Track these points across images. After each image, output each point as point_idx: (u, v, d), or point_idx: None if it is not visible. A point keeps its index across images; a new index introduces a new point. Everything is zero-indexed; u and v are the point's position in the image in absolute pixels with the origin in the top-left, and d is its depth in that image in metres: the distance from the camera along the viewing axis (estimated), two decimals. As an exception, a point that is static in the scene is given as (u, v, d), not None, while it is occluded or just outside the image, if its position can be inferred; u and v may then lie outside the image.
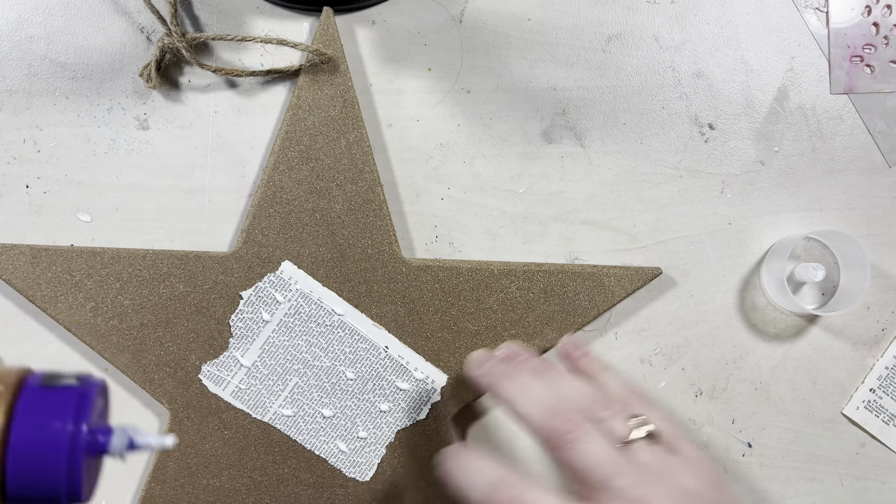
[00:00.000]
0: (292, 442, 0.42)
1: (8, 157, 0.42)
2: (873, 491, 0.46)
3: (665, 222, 0.45)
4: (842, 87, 0.45)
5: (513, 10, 0.44)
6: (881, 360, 0.45)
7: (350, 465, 0.42)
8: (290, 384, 0.42)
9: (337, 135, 0.42)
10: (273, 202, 0.41)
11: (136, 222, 0.43)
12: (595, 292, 0.43)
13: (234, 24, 0.43)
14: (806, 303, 0.45)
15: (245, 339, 0.42)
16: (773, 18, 0.45)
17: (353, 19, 0.44)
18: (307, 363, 0.42)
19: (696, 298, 0.45)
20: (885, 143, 0.45)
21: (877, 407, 0.45)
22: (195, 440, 0.41)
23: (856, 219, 0.45)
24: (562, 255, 0.44)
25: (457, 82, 0.44)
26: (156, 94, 0.43)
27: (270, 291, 0.42)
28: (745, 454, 0.45)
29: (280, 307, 0.42)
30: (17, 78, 0.42)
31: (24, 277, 0.40)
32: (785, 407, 0.45)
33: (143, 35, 0.43)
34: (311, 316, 0.42)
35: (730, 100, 0.45)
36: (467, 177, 0.44)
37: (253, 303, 0.42)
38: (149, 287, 0.41)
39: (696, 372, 0.45)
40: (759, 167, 0.45)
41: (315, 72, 0.42)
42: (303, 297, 0.42)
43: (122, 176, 0.43)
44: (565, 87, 0.44)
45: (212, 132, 0.43)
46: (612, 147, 0.44)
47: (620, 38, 0.45)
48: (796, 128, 0.45)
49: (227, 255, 0.42)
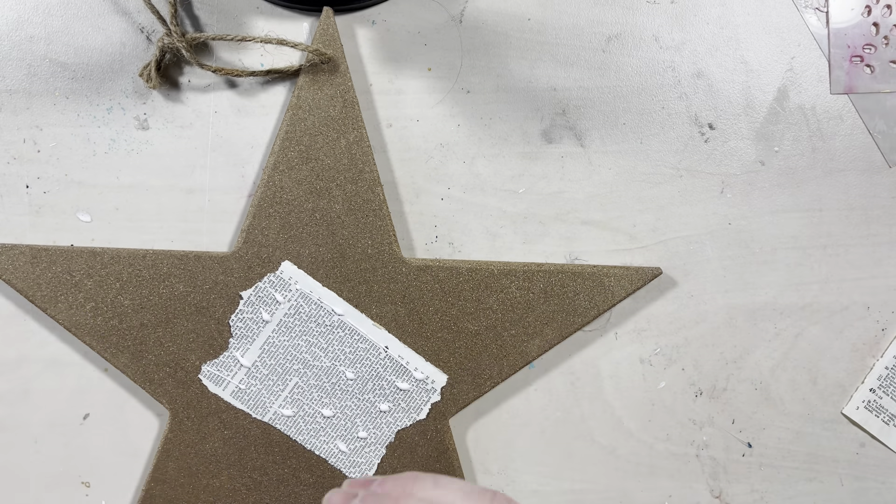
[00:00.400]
0: (292, 442, 0.42)
1: (8, 157, 0.42)
2: (873, 491, 0.46)
3: (665, 222, 0.45)
4: (842, 87, 0.45)
5: (513, 10, 0.44)
6: (881, 360, 0.45)
7: (350, 465, 0.42)
8: (290, 384, 0.42)
9: (337, 135, 0.42)
10: (273, 202, 0.42)
11: (136, 222, 0.43)
12: (595, 292, 0.43)
13: (234, 24, 0.43)
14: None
15: (245, 339, 0.42)
16: (773, 18, 0.45)
17: (353, 19, 0.44)
18: (307, 363, 0.42)
19: (696, 298, 0.45)
20: (885, 143, 0.45)
21: (877, 407, 0.45)
22: (195, 440, 0.42)
23: (856, 219, 0.45)
24: (562, 255, 0.44)
25: (457, 82, 0.44)
26: (156, 94, 0.43)
27: (270, 291, 0.42)
28: (745, 454, 0.45)
29: (280, 307, 0.42)
30: (17, 78, 0.42)
31: (24, 277, 0.40)
32: (785, 407, 0.45)
33: (143, 35, 0.43)
34: (311, 316, 0.42)
35: (730, 100, 0.45)
36: (467, 177, 0.44)
37: (253, 303, 0.42)
38: (149, 287, 0.41)
39: (696, 372, 0.45)
40: (759, 167, 0.45)
41: (315, 72, 0.42)
42: (303, 297, 0.42)
43: (122, 176, 0.43)
44: (565, 87, 0.44)
45: (212, 132, 0.43)
46: (612, 147, 0.45)
47: (620, 38, 0.45)
48: (796, 128, 0.45)
49: (227, 255, 0.42)
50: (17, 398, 0.42)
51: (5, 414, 0.42)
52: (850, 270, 0.45)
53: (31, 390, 0.42)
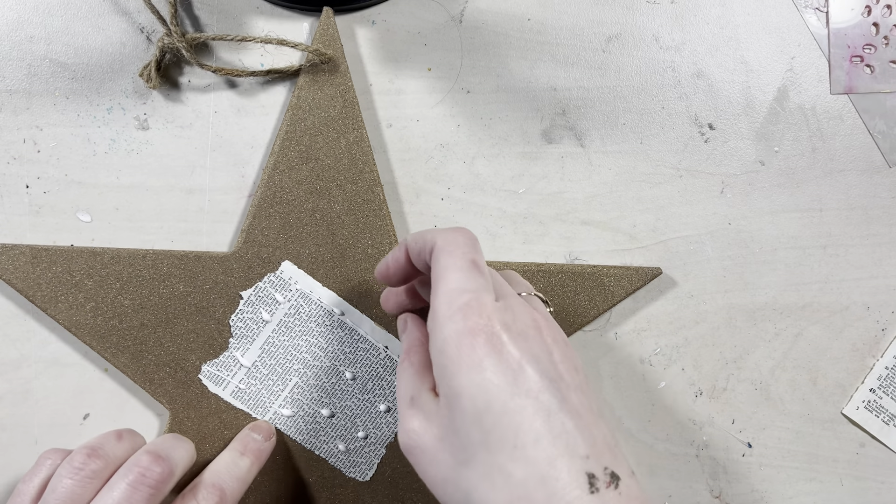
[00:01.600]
0: (292, 442, 0.42)
1: (8, 157, 0.42)
2: (873, 491, 0.46)
3: (665, 222, 0.45)
4: (842, 87, 0.45)
5: (513, 10, 0.44)
6: (881, 360, 0.45)
7: (350, 465, 0.42)
8: (290, 384, 0.42)
9: (337, 135, 0.42)
10: (273, 202, 0.42)
11: (136, 222, 0.43)
12: (595, 292, 0.43)
13: (234, 24, 0.43)
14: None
15: (245, 338, 0.42)
16: (773, 18, 0.45)
17: (353, 19, 0.44)
18: (307, 363, 0.42)
19: (696, 298, 0.45)
20: (885, 143, 0.45)
21: (877, 407, 0.45)
22: (195, 440, 0.41)
23: (856, 219, 0.45)
24: (562, 255, 0.44)
25: (457, 82, 0.44)
26: (156, 94, 0.43)
27: (270, 291, 0.42)
28: (745, 454, 0.45)
29: (280, 307, 0.42)
30: (17, 78, 0.42)
31: (24, 277, 0.40)
32: (785, 407, 0.45)
33: (143, 35, 0.43)
34: (311, 316, 0.42)
35: (730, 100, 0.45)
36: (467, 177, 0.44)
37: (253, 303, 0.42)
38: (149, 287, 0.41)
39: (696, 372, 0.45)
40: (759, 167, 0.45)
41: (315, 72, 0.42)
42: (303, 297, 0.42)
43: (122, 176, 0.43)
44: (565, 87, 0.44)
45: (212, 132, 0.43)
46: (612, 147, 0.45)
47: (620, 38, 0.45)
48: (796, 128, 0.45)
49: (227, 255, 0.42)
50: (18, 398, 0.42)
51: (5, 414, 0.42)
52: (850, 270, 0.45)
53: (31, 390, 0.42)
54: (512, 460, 0.26)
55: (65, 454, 0.35)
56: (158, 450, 0.35)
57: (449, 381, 0.28)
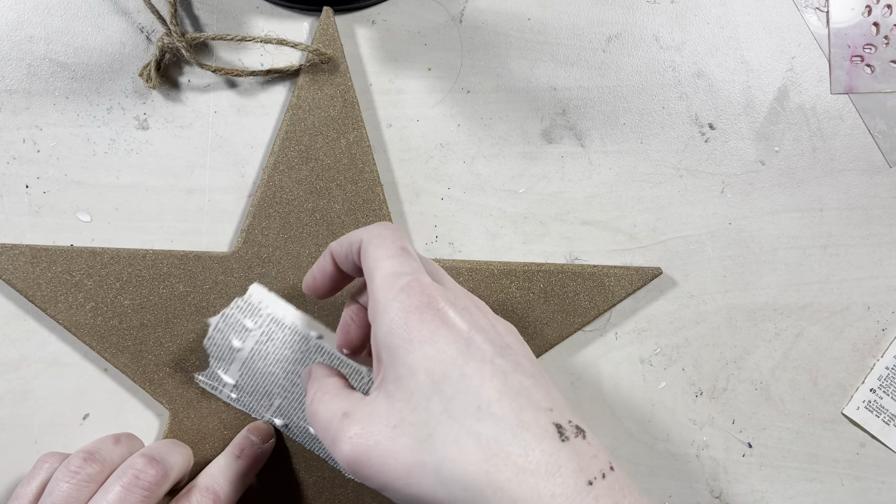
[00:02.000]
0: (291, 442, 0.42)
1: (8, 157, 0.42)
2: (873, 491, 0.46)
3: (665, 222, 0.45)
4: (842, 87, 0.45)
5: (513, 10, 0.44)
6: (881, 360, 0.45)
7: (350, 465, 0.42)
8: (275, 404, 0.41)
9: (337, 135, 0.42)
10: (273, 202, 0.41)
11: (136, 222, 0.43)
12: (595, 292, 0.43)
13: (234, 24, 0.43)
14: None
15: (223, 360, 0.41)
16: (774, 18, 0.45)
17: (353, 19, 0.44)
18: (287, 388, 0.41)
19: (696, 298, 0.45)
20: (885, 143, 0.45)
21: (877, 407, 0.45)
22: (195, 440, 0.41)
23: (856, 219, 0.45)
24: (562, 255, 0.44)
25: (457, 82, 0.44)
26: (155, 94, 0.43)
27: (239, 318, 0.40)
28: (745, 454, 0.45)
29: (251, 334, 0.40)
30: (17, 78, 0.42)
31: (24, 277, 0.40)
32: (785, 407, 0.45)
33: (142, 35, 0.43)
34: (285, 342, 0.40)
35: (730, 100, 0.45)
36: (467, 177, 0.44)
37: (222, 330, 0.40)
38: (149, 287, 0.41)
39: (696, 372, 0.45)
40: (759, 167, 0.45)
41: (315, 72, 0.42)
42: (275, 321, 0.40)
43: (122, 176, 0.43)
44: (565, 87, 0.44)
45: (212, 132, 0.43)
46: (612, 147, 0.44)
47: (620, 38, 0.45)
48: (796, 128, 0.45)
49: (227, 255, 0.41)
50: (18, 398, 0.42)
51: (5, 414, 0.42)
52: (850, 270, 0.45)
53: (31, 390, 0.42)
54: (478, 420, 0.26)
55: (62, 458, 0.35)
56: (153, 453, 0.35)
57: (403, 358, 0.28)
